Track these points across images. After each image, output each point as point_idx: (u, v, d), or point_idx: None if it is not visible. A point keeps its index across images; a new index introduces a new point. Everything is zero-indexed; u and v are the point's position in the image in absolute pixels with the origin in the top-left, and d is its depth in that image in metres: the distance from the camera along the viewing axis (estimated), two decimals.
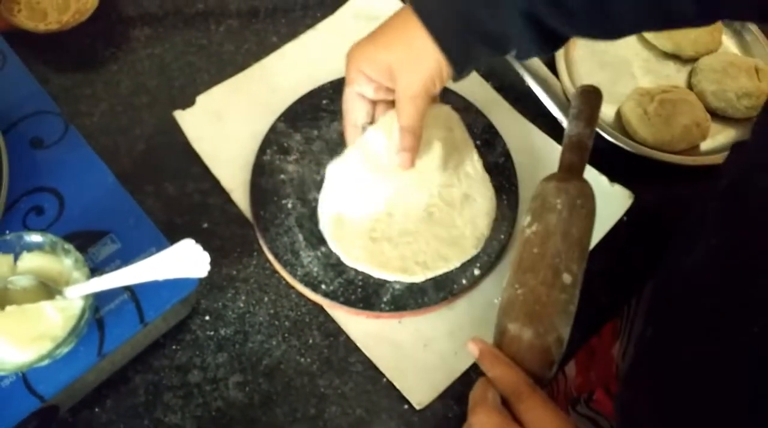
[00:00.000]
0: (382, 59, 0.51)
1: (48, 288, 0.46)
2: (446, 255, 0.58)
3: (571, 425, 0.41)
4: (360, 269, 0.57)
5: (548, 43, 0.50)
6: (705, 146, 0.67)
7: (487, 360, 0.45)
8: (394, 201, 0.59)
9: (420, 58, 0.50)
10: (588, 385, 0.71)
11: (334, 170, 0.60)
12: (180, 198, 0.62)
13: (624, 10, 0.47)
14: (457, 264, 0.58)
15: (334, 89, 0.66)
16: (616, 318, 0.71)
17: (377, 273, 0.57)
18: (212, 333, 0.57)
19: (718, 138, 0.68)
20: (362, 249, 0.57)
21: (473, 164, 0.62)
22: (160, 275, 0.44)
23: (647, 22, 0.50)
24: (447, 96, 0.66)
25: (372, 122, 0.58)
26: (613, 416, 0.64)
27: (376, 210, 0.58)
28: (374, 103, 0.57)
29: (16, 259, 0.47)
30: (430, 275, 0.58)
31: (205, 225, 0.61)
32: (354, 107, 0.56)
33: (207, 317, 0.57)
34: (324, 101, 0.66)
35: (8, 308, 0.44)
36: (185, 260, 0.43)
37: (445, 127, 0.62)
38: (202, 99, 0.67)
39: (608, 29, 0.50)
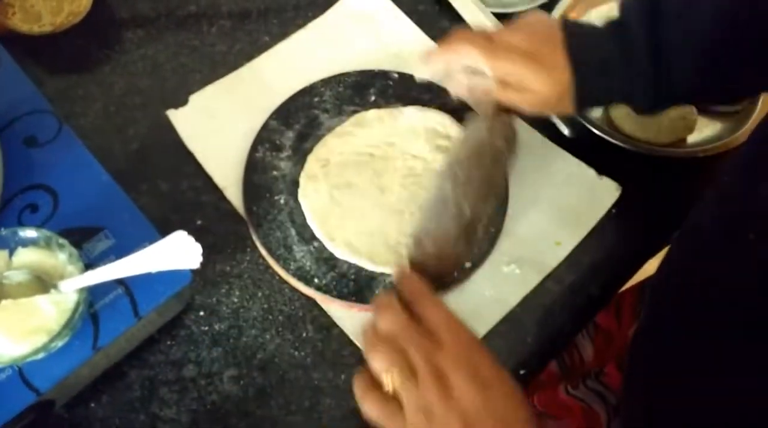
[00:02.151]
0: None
1: (43, 283, 0.47)
2: None
3: (466, 326, 0.47)
4: (352, 261, 0.58)
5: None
6: (691, 139, 0.68)
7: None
8: (385, 196, 0.59)
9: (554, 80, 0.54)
10: (602, 362, 0.72)
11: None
12: (174, 196, 0.63)
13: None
14: None
15: (326, 88, 0.67)
16: (636, 300, 0.72)
17: (369, 266, 0.58)
18: (207, 328, 0.57)
19: (705, 131, 0.69)
20: (353, 242, 0.58)
21: None
22: (153, 267, 0.45)
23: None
24: (444, 98, 0.66)
25: None
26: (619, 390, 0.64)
27: (366, 203, 0.59)
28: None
29: (11, 254, 0.48)
30: None
31: (199, 222, 0.62)
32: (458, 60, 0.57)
33: (201, 313, 0.58)
34: (315, 99, 0.67)
35: (3, 302, 0.45)
36: (177, 252, 0.44)
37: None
38: (195, 98, 0.67)
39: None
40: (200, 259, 0.44)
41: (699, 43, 0.52)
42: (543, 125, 0.67)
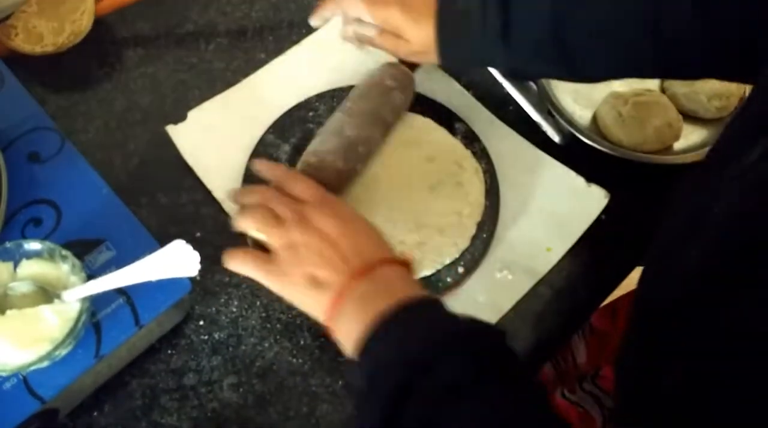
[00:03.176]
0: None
1: (46, 293, 0.48)
2: (431, 258, 0.60)
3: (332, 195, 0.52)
4: None
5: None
6: (678, 145, 0.70)
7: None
8: (376, 203, 0.61)
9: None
10: (597, 364, 0.73)
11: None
12: (174, 209, 0.65)
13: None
14: (441, 267, 0.61)
15: (320, 102, 0.69)
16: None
17: None
18: (206, 337, 0.59)
19: (691, 138, 0.71)
20: None
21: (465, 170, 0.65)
22: (153, 276, 0.46)
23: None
24: (429, 105, 0.69)
25: None
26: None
27: (357, 210, 0.61)
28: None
29: (15, 266, 0.49)
30: (416, 275, 0.60)
31: (199, 234, 0.63)
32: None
33: (201, 322, 0.59)
34: (310, 113, 0.68)
35: (8, 312, 0.46)
36: (177, 261, 0.45)
37: (431, 136, 0.65)
38: (193, 114, 0.69)
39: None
40: (199, 267, 0.46)
41: (542, 19, 0.55)
42: (533, 134, 0.69)
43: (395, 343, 0.43)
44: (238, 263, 0.49)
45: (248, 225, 0.50)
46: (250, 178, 0.64)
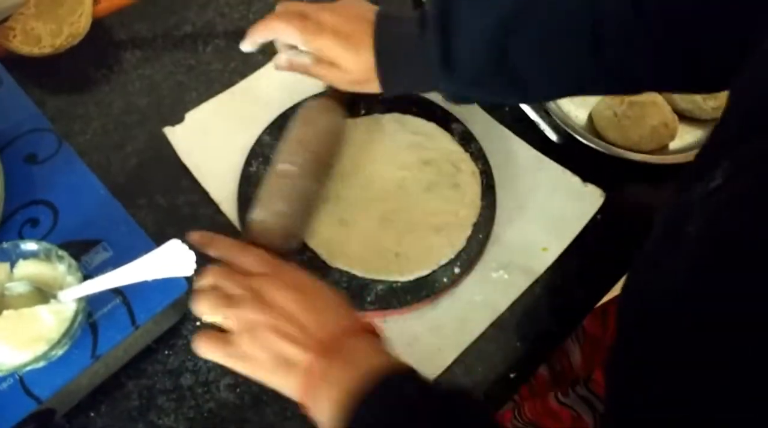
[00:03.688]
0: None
1: (43, 293, 0.48)
2: (427, 259, 0.61)
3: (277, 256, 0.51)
4: (344, 269, 0.59)
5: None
6: (673, 145, 0.70)
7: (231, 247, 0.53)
8: (374, 205, 0.61)
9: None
10: (591, 368, 0.73)
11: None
12: (171, 210, 0.65)
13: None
14: (438, 267, 0.61)
15: None
16: None
17: (361, 273, 0.59)
18: None
19: (686, 138, 0.71)
20: (345, 251, 0.59)
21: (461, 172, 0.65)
22: (149, 276, 0.46)
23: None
24: (426, 106, 0.69)
25: None
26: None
27: (355, 213, 0.61)
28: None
29: (12, 267, 0.49)
30: (412, 276, 0.60)
31: None
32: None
33: (198, 323, 0.59)
34: None
35: (5, 312, 0.46)
36: (172, 261, 0.46)
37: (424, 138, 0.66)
38: (190, 115, 0.69)
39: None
40: (194, 267, 0.46)
41: (482, 41, 0.54)
42: (530, 134, 0.69)
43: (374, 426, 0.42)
44: (202, 350, 0.48)
45: (201, 310, 0.48)
46: (247, 179, 0.64)
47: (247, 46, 0.62)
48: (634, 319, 0.46)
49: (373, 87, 0.58)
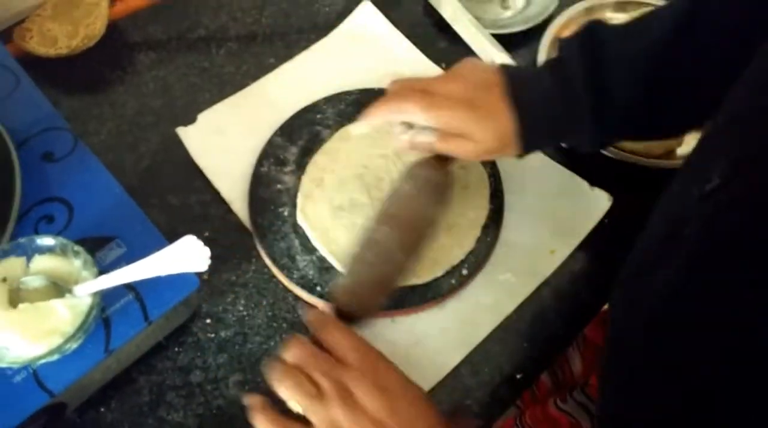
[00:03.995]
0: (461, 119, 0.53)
1: (58, 288, 0.49)
2: (435, 261, 0.61)
3: (371, 346, 0.49)
4: None
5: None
6: (681, 150, 0.70)
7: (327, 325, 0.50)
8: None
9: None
10: (590, 374, 0.73)
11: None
12: (183, 209, 0.66)
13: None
14: (446, 269, 0.61)
15: (328, 105, 0.70)
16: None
17: None
18: (213, 335, 0.59)
19: (693, 143, 0.70)
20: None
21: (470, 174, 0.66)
22: (163, 271, 0.47)
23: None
24: None
25: None
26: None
27: (363, 215, 0.62)
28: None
29: (28, 261, 0.50)
30: (420, 280, 0.60)
31: (207, 234, 0.64)
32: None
33: (208, 321, 0.60)
34: (318, 116, 0.70)
35: (21, 305, 0.47)
36: (187, 256, 0.46)
37: None
38: (203, 117, 0.70)
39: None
40: (208, 262, 0.47)
41: (637, 79, 0.52)
42: None
43: None
44: None
45: (286, 396, 0.47)
46: (258, 180, 0.65)
47: (362, 127, 0.59)
48: (628, 320, 0.46)
49: (509, 153, 0.55)
